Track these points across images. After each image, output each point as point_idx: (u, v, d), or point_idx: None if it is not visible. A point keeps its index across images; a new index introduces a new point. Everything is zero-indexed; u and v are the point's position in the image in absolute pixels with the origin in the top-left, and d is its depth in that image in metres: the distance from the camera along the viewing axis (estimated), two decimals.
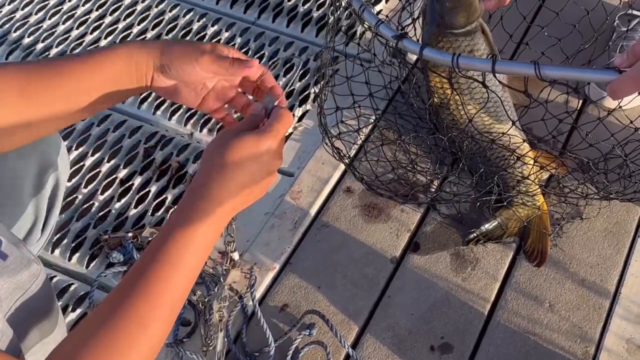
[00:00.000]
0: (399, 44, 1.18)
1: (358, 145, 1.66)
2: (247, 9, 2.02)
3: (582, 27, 1.56)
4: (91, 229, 1.57)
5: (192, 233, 0.83)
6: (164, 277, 0.80)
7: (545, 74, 1.02)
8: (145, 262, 0.81)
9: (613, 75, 0.97)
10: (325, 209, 1.58)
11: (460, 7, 1.40)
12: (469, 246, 1.49)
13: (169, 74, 0.96)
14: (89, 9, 2.04)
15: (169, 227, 0.83)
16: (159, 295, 0.80)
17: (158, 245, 0.82)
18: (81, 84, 0.91)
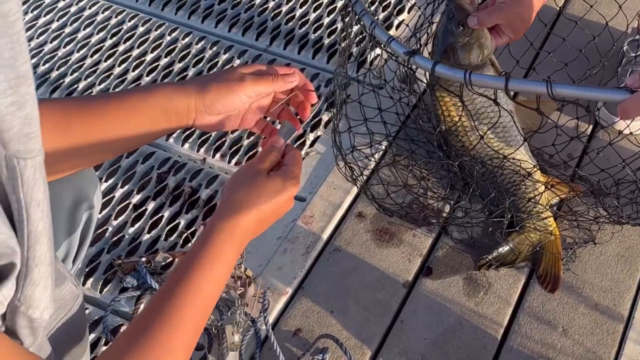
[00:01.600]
0: (410, 61, 1.18)
1: (370, 170, 1.66)
2: (258, 37, 2.05)
3: (590, 53, 1.58)
4: (105, 254, 1.58)
5: (214, 265, 0.85)
6: (186, 304, 0.81)
7: (557, 92, 1.03)
8: (168, 289, 0.82)
9: (625, 94, 0.98)
10: (337, 234, 1.58)
11: (473, 45, 1.38)
12: (481, 271, 1.49)
13: (213, 111, 0.97)
14: (103, 37, 2.07)
15: (191, 256, 0.85)
16: (183, 322, 0.81)
17: (181, 274, 0.84)
18: (117, 125, 0.92)
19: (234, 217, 0.88)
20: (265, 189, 0.91)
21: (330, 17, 2.08)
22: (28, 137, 0.56)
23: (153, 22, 2.10)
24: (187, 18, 2.11)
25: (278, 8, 2.12)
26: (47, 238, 0.62)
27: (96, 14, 2.13)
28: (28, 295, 0.62)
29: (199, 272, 0.84)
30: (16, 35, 0.54)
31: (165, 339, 0.79)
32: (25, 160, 0.56)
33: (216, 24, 2.09)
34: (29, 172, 0.57)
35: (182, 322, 0.81)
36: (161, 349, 0.78)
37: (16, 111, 0.54)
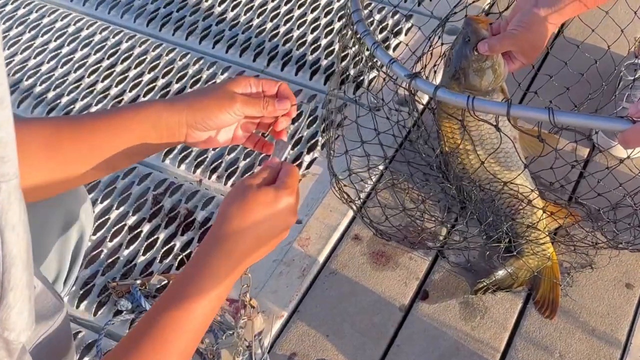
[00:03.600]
0: (412, 84, 1.17)
1: (366, 193, 1.66)
2: (256, 58, 2.05)
3: (590, 76, 1.58)
4: (99, 276, 1.57)
5: (205, 285, 0.84)
6: (176, 326, 0.81)
7: (559, 120, 1.03)
8: (158, 310, 0.82)
9: (626, 124, 0.98)
10: (333, 257, 1.58)
11: (486, 70, 1.38)
12: (477, 295, 1.49)
13: (204, 127, 0.96)
14: (100, 57, 2.07)
15: (182, 278, 0.84)
16: (170, 343, 0.80)
17: (172, 294, 0.83)
18: (107, 141, 0.92)
19: (229, 235, 0.86)
20: (257, 201, 0.88)
21: (328, 39, 2.09)
22: (2, 160, 0.55)
23: (150, 43, 2.10)
24: (185, 39, 2.11)
25: (276, 29, 2.13)
26: (23, 261, 0.61)
27: (93, 35, 2.13)
28: (3, 318, 0.61)
29: (192, 292, 0.83)
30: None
31: (153, 357, 0.79)
32: (0, 184, 0.56)
33: (214, 44, 2.09)
34: (3, 195, 0.56)
35: (172, 342, 0.80)
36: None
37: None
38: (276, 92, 1.01)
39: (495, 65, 1.37)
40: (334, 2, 2.19)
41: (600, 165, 1.64)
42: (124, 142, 0.93)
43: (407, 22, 2.10)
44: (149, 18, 2.17)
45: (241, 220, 0.87)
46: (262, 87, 1.00)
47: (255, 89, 0.99)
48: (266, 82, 1.00)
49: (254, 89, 0.99)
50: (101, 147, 0.92)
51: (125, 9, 2.20)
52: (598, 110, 1.66)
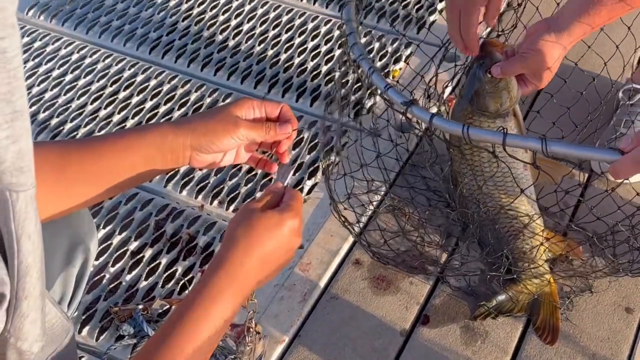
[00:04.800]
0: (408, 111, 1.18)
1: (367, 217, 1.67)
2: (257, 84, 2.07)
3: (587, 94, 1.61)
4: (102, 301, 1.58)
5: (211, 309, 0.84)
6: (180, 350, 0.81)
7: (552, 150, 1.05)
8: (163, 334, 0.82)
9: (615, 155, 1.00)
10: (334, 281, 1.58)
11: (499, 93, 1.39)
12: (477, 320, 1.49)
13: (208, 150, 0.98)
14: (103, 84, 2.09)
15: (188, 302, 0.85)
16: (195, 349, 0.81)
17: (177, 319, 0.84)
18: (112, 163, 0.93)
19: (235, 258, 0.87)
20: (262, 224, 0.90)
21: (328, 66, 2.11)
22: (21, 170, 0.57)
23: (153, 70, 2.12)
24: (187, 66, 2.14)
25: (276, 57, 2.15)
26: (37, 271, 0.62)
27: (97, 62, 2.16)
28: (17, 327, 0.62)
29: (197, 316, 0.84)
30: (13, 71, 0.55)
31: None
32: (18, 193, 0.57)
33: (215, 71, 2.12)
34: (21, 205, 0.57)
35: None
36: None
37: (10, 145, 0.55)
38: (278, 114, 1.03)
39: (508, 88, 1.39)
40: (334, 30, 2.22)
41: (598, 190, 1.65)
42: (129, 164, 0.95)
43: (407, 49, 2.13)
44: (152, 46, 2.20)
45: (247, 244, 0.88)
46: (265, 109, 1.02)
47: (259, 112, 1.01)
48: (269, 104, 1.03)
49: (257, 112, 1.01)
50: (107, 169, 0.94)
51: (128, 37, 2.23)
52: (597, 130, 1.67)
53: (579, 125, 1.64)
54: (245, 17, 2.28)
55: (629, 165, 1.00)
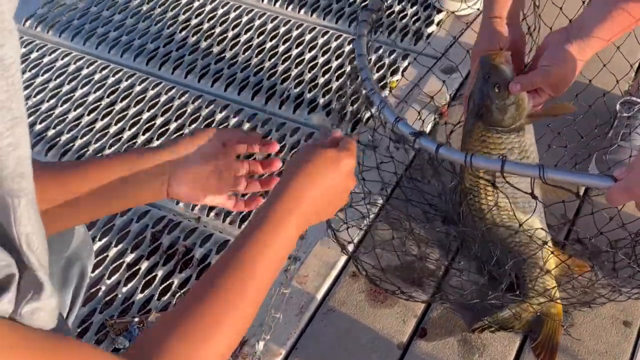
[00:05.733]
0: (416, 142, 1.20)
1: (363, 232, 1.67)
2: (254, 96, 2.07)
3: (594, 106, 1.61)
4: (97, 314, 1.57)
5: (279, 228, 0.86)
6: (248, 270, 0.82)
7: (549, 177, 1.08)
8: (229, 256, 0.83)
9: (609, 182, 1.03)
10: (331, 294, 1.58)
11: (510, 106, 1.34)
12: (475, 333, 1.48)
13: (187, 162, 1.00)
14: (99, 96, 2.09)
15: (254, 222, 0.86)
16: (243, 283, 0.81)
17: (242, 242, 0.84)
18: (81, 188, 0.94)
19: (298, 185, 0.90)
20: (321, 159, 0.93)
21: (325, 77, 2.11)
22: (22, 176, 0.57)
23: (150, 81, 2.12)
24: (184, 77, 2.14)
25: (274, 68, 2.15)
26: (44, 273, 0.63)
27: (93, 73, 2.16)
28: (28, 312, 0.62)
29: (259, 238, 0.85)
30: (11, 78, 0.55)
31: (227, 295, 0.80)
32: (19, 198, 0.58)
33: (212, 83, 2.11)
34: (22, 209, 0.58)
35: (240, 282, 0.81)
36: (221, 303, 0.79)
37: (11, 152, 0.56)
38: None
39: (518, 101, 1.34)
40: (345, 45, 2.22)
41: (597, 204, 1.65)
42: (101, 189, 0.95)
43: (404, 61, 2.13)
44: (149, 57, 2.20)
45: (309, 174, 0.91)
46: (221, 137, 1.04)
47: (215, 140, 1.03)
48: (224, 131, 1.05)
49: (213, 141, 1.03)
50: (78, 192, 0.94)
51: (125, 48, 2.23)
52: (598, 138, 1.66)
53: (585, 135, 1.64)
54: (243, 28, 2.28)
55: (621, 193, 1.01)
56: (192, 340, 0.75)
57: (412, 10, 2.31)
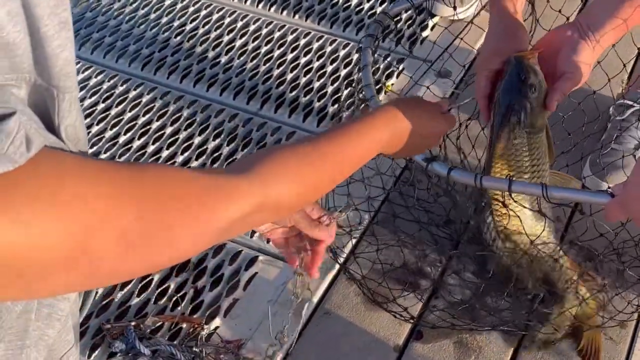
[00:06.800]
0: (428, 167, 1.24)
1: (356, 239, 1.67)
2: (249, 100, 2.07)
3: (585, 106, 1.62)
4: (93, 318, 1.57)
5: (369, 127, 0.95)
6: (347, 143, 0.90)
7: (552, 195, 1.14)
8: (331, 136, 0.89)
9: (606, 198, 1.06)
10: (327, 297, 1.58)
11: (540, 108, 1.32)
12: (473, 336, 1.49)
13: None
14: (95, 101, 2.09)
15: (348, 125, 0.93)
16: (342, 152, 0.89)
17: (350, 124, 0.93)
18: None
19: (393, 106, 0.99)
20: (426, 103, 1.09)
21: (321, 82, 2.12)
22: (67, 76, 0.61)
23: (145, 86, 2.13)
24: (179, 82, 2.14)
25: (269, 72, 2.16)
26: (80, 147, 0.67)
27: (89, 78, 2.16)
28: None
29: (357, 129, 0.92)
30: None
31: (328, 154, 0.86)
32: (64, 94, 0.62)
33: (207, 87, 2.12)
34: (66, 104, 0.62)
35: (340, 151, 0.88)
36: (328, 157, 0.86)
37: (60, 53, 0.60)
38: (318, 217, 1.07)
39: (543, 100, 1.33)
40: (339, 50, 2.23)
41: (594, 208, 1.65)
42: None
43: (399, 65, 2.14)
44: (144, 62, 2.20)
45: (406, 104, 1.02)
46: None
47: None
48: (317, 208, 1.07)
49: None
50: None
51: (120, 53, 2.23)
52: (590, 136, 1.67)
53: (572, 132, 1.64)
54: (238, 33, 2.29)
55: (617, 209, 1.03)
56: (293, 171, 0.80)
57: (407, 14, 2.32)
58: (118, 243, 0.56)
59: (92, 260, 0.55)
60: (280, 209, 0.78)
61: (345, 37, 2.26)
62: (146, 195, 0.60)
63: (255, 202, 0.71)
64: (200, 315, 1.56)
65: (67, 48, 0.61)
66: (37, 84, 0.59)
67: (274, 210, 0.76)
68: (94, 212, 0.54)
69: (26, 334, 0.72)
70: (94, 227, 0.54)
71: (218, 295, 1.61)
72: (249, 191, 0.71)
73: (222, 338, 1.50)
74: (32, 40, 0.57)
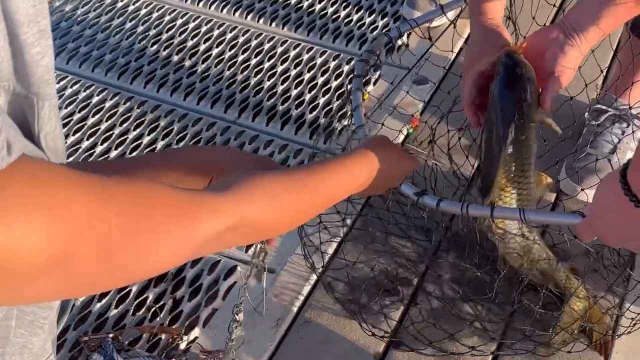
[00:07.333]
0: (419, 201, 1.27)
1: (334, 249, 1.67)
2: (227, 109, 2.07)
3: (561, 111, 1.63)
4: (71, 331, 1.55)
5: (342, 170, 0.96)
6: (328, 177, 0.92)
7: (529, 219, 1.19)
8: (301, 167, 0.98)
9: (577, 218, 1.09)
10: (307, 305, 1.58)
11: (536, 102, 1.32)
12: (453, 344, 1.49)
13: None
14: (71, 110, 2.08)
15: (328, 162, 0.98)
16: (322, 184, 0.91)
17: (330, 161, 1.00)
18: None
19: (369, 149, 1.02)
20: (394, 146, 1.11)
21: (298, 89, 2.12)
22: (47, 82, 0.62)
23: (121, 96, 2.11)
24: (156, 91, 2.13)
25: (246, 81, 2.16)
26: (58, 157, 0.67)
27: (65, 89, 2.14)
28: None
29: (332, 169, 0.94)
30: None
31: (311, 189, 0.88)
32: (44, 101, 0.62)
33: (184, 96, 2.11)
34: (45, 111, 0.62)
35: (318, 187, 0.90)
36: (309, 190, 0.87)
37: (40, 60, 0.61)
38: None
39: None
40: (317, 57, 2.23)
41: (568, 210, 1.67)
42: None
43: (375, 72, 2.14)
44: (120, 71, 2.19)
45: (381, 146, 1.04)
46: None
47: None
48: None
49: None
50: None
51: (96, 63, 2.22)
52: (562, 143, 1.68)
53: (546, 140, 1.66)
54: (215, 42, 2.28)
55: (586, 230, 1.05)
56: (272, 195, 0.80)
57: (383, 22, 2.33)
58: (98, 250, 0.57)
59: (72, 267, 0.56)
60: (256, 231, 0.79)
61: (322, 44, 2.26)
62: (126, 204, 0.60)
63: (231, 221, 0.71)
64: (179, 326, 1.56)
65: (47, 55, 0.62)
66: (16, 92, 0.59)
67: (250, 231, 0.77)
68: (75, 218, 0.55)
69: (7, 341, 0.72)
70: (75, 233, 0.55)
71: (197, 306, 1.60)
72: (225, 209, 0.71)
73: (201, 348, 1.49)
74: (12, 48, 0.57)
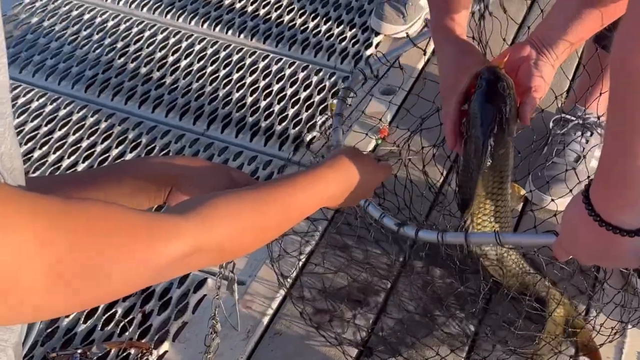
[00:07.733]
0: (400, 230, 1.32)
1: (303, 260, 1.67)
2: (196, 121, 2.07)
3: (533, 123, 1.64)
4: (39, 347, 1.53)
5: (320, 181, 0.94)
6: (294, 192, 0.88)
7: (505, 241, 1.26)
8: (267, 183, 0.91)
9: (551, 238, 1.12)
10: (277, 317, 1.57)
11: (515, 111, 1.32)
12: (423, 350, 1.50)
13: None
14: (37, 124, 2.06)
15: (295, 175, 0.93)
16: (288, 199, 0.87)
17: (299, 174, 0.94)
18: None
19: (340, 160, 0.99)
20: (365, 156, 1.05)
21: (267, 101, 2.12)
22: (1, 101, 0.61)
23: (89, 109, 2.10)
24: (124, 104, 2.12)
25: (215, 92, 2.15)
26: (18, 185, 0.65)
27: (30, 102, 2.12)
28: None
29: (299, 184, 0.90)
30: None
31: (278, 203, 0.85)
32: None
33: (153, 109, 2.10)
34: (0, 130, 0.61)
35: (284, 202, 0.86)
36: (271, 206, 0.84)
37: None
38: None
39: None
40: (286, 68, 2.23)
41: (538, 220, 1.67)
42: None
43: (344, 83, 2.15)
44: (88, 84, 2.17)
45: (353, 158, 1.00)
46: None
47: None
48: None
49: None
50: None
51: (62, 75, 2.20)
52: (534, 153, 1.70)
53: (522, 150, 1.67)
54: (183, 53, 2.28)
55: (559, 249, 1.07)
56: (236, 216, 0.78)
57: (351, 33, 2.34)
58: (47, 276, 0.55)
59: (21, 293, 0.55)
60: (222, 252, 0.77)
61: (317, 63, 2.27)
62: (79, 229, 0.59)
63: (195, 242, 0.69)
64: (148, 340, 1.54)
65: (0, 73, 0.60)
66: None
67: (215, 252, 0.75)
68: (25, 243, 0.54)
69: None
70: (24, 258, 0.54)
71: (166, 319, 1.59)
72: (188, 231, 0.69)
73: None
74: None
